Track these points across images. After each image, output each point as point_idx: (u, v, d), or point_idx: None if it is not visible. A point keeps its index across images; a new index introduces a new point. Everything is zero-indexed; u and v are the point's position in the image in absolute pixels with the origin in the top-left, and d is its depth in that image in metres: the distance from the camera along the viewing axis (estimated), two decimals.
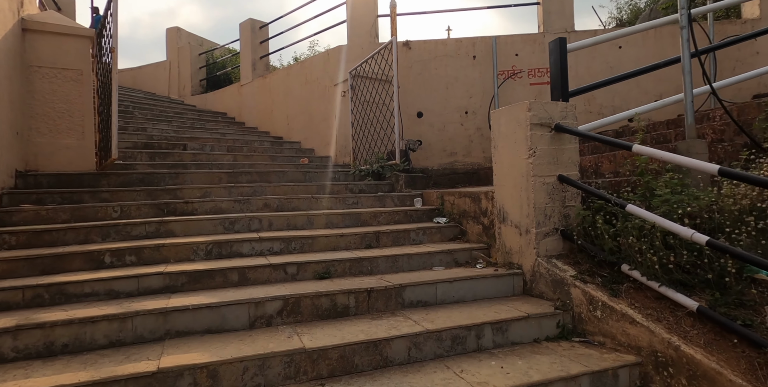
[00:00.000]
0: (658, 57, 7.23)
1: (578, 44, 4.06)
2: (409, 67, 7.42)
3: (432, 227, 4.14)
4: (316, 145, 8.01)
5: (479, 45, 7.39)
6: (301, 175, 5.73)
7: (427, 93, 7.41)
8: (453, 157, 7.41)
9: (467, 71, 7.39)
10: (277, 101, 8.88)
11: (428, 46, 7.43)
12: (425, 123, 7.41)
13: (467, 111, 7.39)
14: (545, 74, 7.32)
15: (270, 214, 4.13)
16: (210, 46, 12.35)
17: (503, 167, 3.52)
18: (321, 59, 7.89)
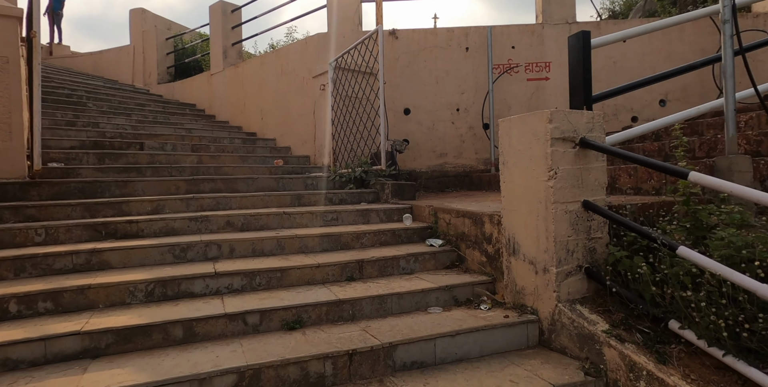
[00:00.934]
0: (664, 52, 6.68)
1: (604, 39, 3.44)
2: (396, 58, 6.72)
3: (425, 253, 3.51)
4: (292, 143, 7.29)
5: (473, 36, 6.73)
6: (273, 182, 5.02)
7: (415, 87, 6.74)
8: (443, 158, 6.78)
9: (459, 64, 6.73)
10: (251, 93, 8.09)
11: (417, 36, 6.73)
12: (413, 120, 6.75)
13: (459, 108, 6.75)
14: (544, 69, 6.71)
15: (232, 237, 3.44)
16: (179, 30, 11.39)
17: (515, 189, 2.89)
18: (298, 48, 7.12)
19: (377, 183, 5.13)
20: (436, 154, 6.77)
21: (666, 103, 6.71)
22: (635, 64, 6.68)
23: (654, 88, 6.68)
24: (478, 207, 3.68)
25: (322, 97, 6.60)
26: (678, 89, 6.68)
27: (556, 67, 6.70)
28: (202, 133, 7.22)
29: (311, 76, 6.85)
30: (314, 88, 6.78)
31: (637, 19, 6.67)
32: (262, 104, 7.86)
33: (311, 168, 6.33)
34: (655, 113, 6.70)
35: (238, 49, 8.84)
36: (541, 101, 6.72)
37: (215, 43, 8.76)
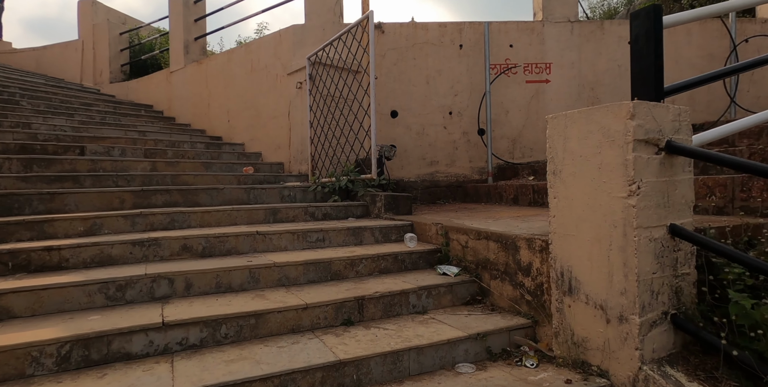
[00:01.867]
0: (671, 57, 6.23)
1: (677, 17, 2.77)
2: (382, 55, 6.01)
3: (440, 285, 2.75)
4: (264, 148, 6.44)
5: (467, 32, 6.10)
6: (243, 194, 4.18)
7: (403, 88, 6.04)
8: (434, 166, 6.09)
9: (452, 63, 6.09)
10: (216, 93, 7.20)
11: (405, 30, 6.05)
12: (400, 124, 6.04)
13: (452, 111, 6.09)
14: (544, 71, 6.14)
15: (190, 268, 2.60)
16: (135, 24, 10.36)
17: (573, 207, 2.19)
18: (271, 42, 6.31)
19: (366, 194, 4.37)
20: (427, 161, 6.08)
21: None
22: None
23: None
24: (502, 227, 2.97)
25: (299, 96, 5.81)
26: (685, 96, 6.23)
27: (557, 68, 6.15)
28: (159, 137, 6.29)
29: (286, 72, 6.05)
30: (289, 86, 5.98)
31: None
32: (228, 105, 6.98)
33: (286, 176, 5.51)
34: None
35: (202, 44, 7.94)
36: (541, 106, 6.14)
37: (175, 37, 7.83)
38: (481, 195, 5.57)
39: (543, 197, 4.44)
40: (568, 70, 6.15)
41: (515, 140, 6.13)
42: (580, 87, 6.17)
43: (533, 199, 4.58)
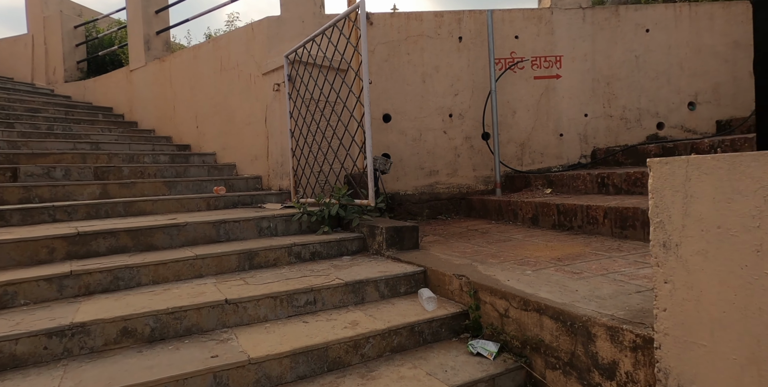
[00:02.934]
0: (692, 45, 5.57)
1: None
2: (371, 50, 5.23)
3: (479, 381, 2.04)
4: (238, 159, 5.64)
5: (467, 22, 5.34)
6: (211, 230, 3.41)
7: (396, 88, 5.28)
8: (433, 177, 5.37)
9: (451, 58, 5.34)
10: (182, 94, 6.34)
11: (397, 21, 5.27)
12: (394, 130, 5.29)
13: (452, 113, 5.36)
14: (553, 65, 5.43)
15: (126, 378, 1.85)
16: (93, 16, 9.33)
17: (704, 304, 1.46)
18: (243, 36, 5.47)
19: (363, 224, 3.63)
20: (425, 171, 5.35)
21: (696, 106, 5.62)
22: (660, 59, 5.54)
23: (682, 88, 5.56)
24: (552, 287, 2.27)
25: (277, 99, 5.01)
26: (709, 89, 5.61)
27: (568, 62, 5.44)
28: (114, 149, 5.44)
29: (261, 72, 5.23)
30: (265, 88, 5.17)
31: (661, 4, 5.53)
32: (197, 109, 6.14)
33: (265, 195, 4.74)
34: (684, 118, 5.60)
35: (165, 38, 7.02)
36: (552, 105, 5.44)
37: (134, 31, 6.90)
38: (490, 211, 4.88)
39: (571, 220, 3.77)
40: (581, 63, 5.45)
41: (523, 144, 5.44)
42: (595, 82, 5.48)
43: (558, 221, 3.90)
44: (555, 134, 5.46)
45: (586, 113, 5.48)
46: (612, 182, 4.19)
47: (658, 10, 5.51)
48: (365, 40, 3.48)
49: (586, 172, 4.46)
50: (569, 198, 4.20)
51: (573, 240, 3.43)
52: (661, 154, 4.67)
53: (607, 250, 2.99)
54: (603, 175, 4.28)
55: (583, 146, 5.50)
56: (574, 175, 4.59)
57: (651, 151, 4.77)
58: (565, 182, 4.69)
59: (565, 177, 4.69)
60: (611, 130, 5.52)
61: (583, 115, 5.48)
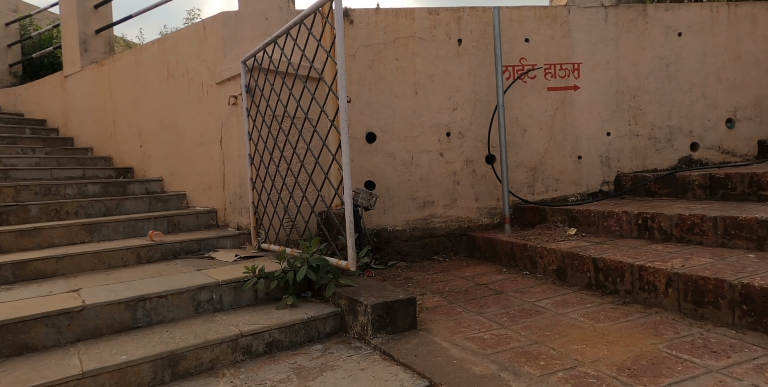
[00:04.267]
0: (731, 52, 4.72)
1: None
2: (352, 54, 4.26)
3: None
4: (189, 187, 4.61)
5: (468, 21, 4.41)
6: (123, 313, 2.38)
7: (382, 100, 4.32)
8: (428, 208, 4.42)
9: (449, 65, 4.40)
10: (124, 106, 5.27)
11: (383, 20, 4.31)
12: (380, 152, 4.33)
13: (450, 132, 4.42)
14: (570, 74, 4.53)
15: None
16: (31, 11, 8.14)
17: None
18: (193, 37, 4.45)
19: (341, 295, 2.65)
20: (418, 202, 4.40)
21: (735, 124, 4.78)
22: (695, 67, 4.69)
23: (719, 102, 4.72)
24: None
25: (234, 115, 4.01)
26: (750, 104, 4.78)
27: (588, 70, 4.55)
28: (29, 177, 4.35)
29: (215, 81, 4.22)
30: (220, 100, 4.17)
31: (696, 4, 4.69)
32: (140, 124, 5.08)
33: (217, 239, 3.73)
34: (721, 138, 4.76)
35: (107, 38, 5.93)
36: (568, 122, 4.55)
37: (68, 29, 5.80)
38: (499, 254, 3.95)
39: (616, 282, 2.84)
40: (603, 72, 4.57)
41: (535, 169, 4.53)
42: (619, 95, 4.60)
43: (596, 280, 2.98)
44: (572, 156, 4.56)
45: (609, 132, 4.60)
46: (659, 226, 3.29)
47: (692, 11, 4.66)
48: (342, 43, 2.50)
49: (622, 211, 3.56)
50: (605, 246, 3.29)
51: (628, 318, 2.51)
52: (708, 186, 3.80)
53: (690, 349, 2.07)
54: (646, 216, 3.38)
55: (605, 171, 4.62)
56: (604, 212, 3.69)
57: (695, 181, 3.90)
58: (592, 220, 3.79)
59: (593, 214, 3.78)
60: (638, 152, 4.65)
61: (605, 134, 4.60)
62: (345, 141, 2.55)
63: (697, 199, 3.89)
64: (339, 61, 2.54)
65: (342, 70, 2.54)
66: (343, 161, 2.57)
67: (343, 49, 2.52)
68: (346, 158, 2.57)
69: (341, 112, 2.54)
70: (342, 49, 2.52)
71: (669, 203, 3.84)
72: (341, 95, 2.54)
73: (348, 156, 2.56)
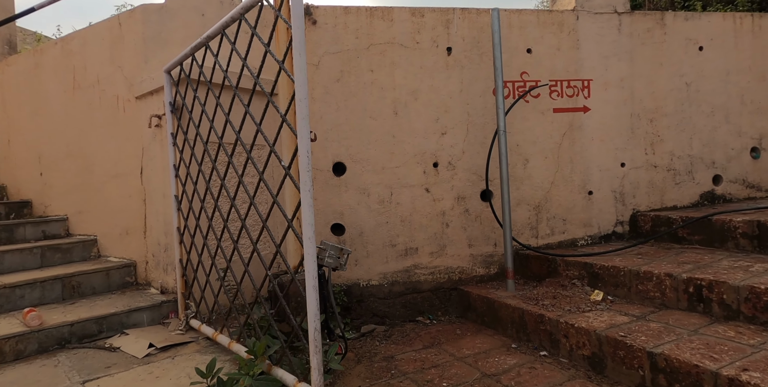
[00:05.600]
0: (756, 70, 4.09)
1: None
2: (315, 64, 3.34)
3: None
4: (102, 230, 3.54)
5: (459, 26, 3.59)
6: None
7: (353, 121, 3.42)
8: (410, 257, 3.53)
9: (437, 79, 3.55)
10: (19, 122, 4.13)
11: (354, 21, 3.42)
12: (351, 187, 3.42)
13: (438, 162, 3.56)
14: (579, 92, 3.77)
15: None
16: None
17: None
18: (105, 36, 3.41)
19: None
20: (398, 250, 3.50)
21: (760, 153, 4.16)
22: (717, 88, 4.04)
23: (743, 128, 4.07)
24: None
25: (158, 141, 3.01)
26: None
27: (599, 89, 3.81)
28: None
29: (134, 94, 3.21)
30: (141, 119, 3.17)
31: (718, 13, 4.05)
32: (40, 146, 3.96)
33: (129, 313, 2.71)
34: (746, 169, 4.11)
35: (6, 35, 4.75)
36: (577, 150, 3.78)
37: None
38: (504, 321, 3.09)
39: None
40: (616, 91, 3.84)
41: (539, 207, 3.73)
42: (634, 118, 3.88)
43: (652, 383, 2.16)
44: (582, 192, 3.79)
45: (623, 162, 3.87)
46: (719, 298, 2.52)
47: (714, 22, 4.01)
48: (302, 48, 1.59)
49: (664, 273, 2.78)
50: (652, 325, 2.49)
51: None
52: (757, 236, 3.09)
53: None
54: (700, 284, 2.60)
55: (619, 209, 3.87)
56: (638, 272, 2.90)
57: (737, 228, 3.19)
58: (621, 281, 2.99)
59: (622, 273, 2.99)
60: (655, 186, 3.94)
61: (620, 165, 3.86)
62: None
63: (742, 250, 3.18)
64: (298, 76, 1.62)
65: (302, 92, 1.61)
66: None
67: (304, 59, 1.60)
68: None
69: (301, 152, 1.62)
70: (302, 59, 1.60)
71: (708, 256, 3.11)
72: (301, 129, 1.62)
73: (311, 210, 1.64)
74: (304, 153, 1.59)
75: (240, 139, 2.09)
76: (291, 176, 1.73)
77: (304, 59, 1.58)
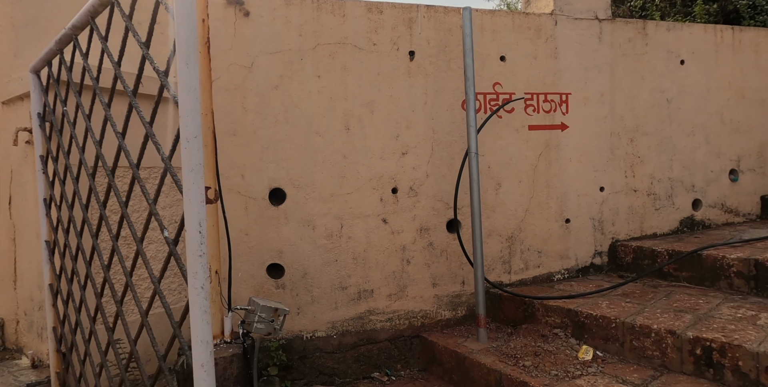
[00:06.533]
0: (735, 87, 3.80)
1: None
2: (247, 66, 2.68)
3: None
4: None
5: (424, 27, 3.03)
6: None
7: (295, 138, 2.78)
8: (364, 301, 2.94)
9: (397, 88, 2.97)
10: None
11: (298, 15, 2.78)
12: (292, 218, 2.78)
13: (397, 187, 2.99)
14: (557, 107, 3.32)
15: None
16: None
17: None
18: None
19: None
20: (350, 293, 2.90)
21: (738, 176, 3.88)
22: (698, 105, 3.72)
23: (723, 149, 3.79)
24: None
25: (29, 162, 2.26)
26: (754, 152, 3.91)
27: (578, 103, 3.38)
28: None
29: (0, 99, 2.42)
30: (7, 131, 2.39)
31: (700, 25, 3.73)
32: None
33: None
34: (725, 193, 3.83)
35: None
36: (553, 173, 3.33)
37: None
38: (477, 383, 2.57)
39: None
40: (596, 106, 3.43)
41: (512, 239, 3.24)
42: (614, 137, 3.48)
43: None
44: (558, 220, 3.35)
45: (603, 186, 3.46)
46: (733, 365, 2.10)
47: (695, 34, 3.68)
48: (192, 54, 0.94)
49: (665, 330, 2.34)
50: None
51: None
52: (754, 277, 2.74)
53: None
54: (710, 347, 2.18)
55: (598, 238, 3.47)
56: (633, 326, 2.46)
57: (731, 267, 2.84)
58: (612, 334, 2.55)
59: (614, 325, 2.54)
60: (635, 213, 3.56)
61: (599, 189, 3.46)
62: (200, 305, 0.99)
63: (737, 292, 2.83)
64: (185, 98, 0.98)
65: (193, 125, 0.98)
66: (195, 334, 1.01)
67: (196, 72, 0.97)
68: (202, 327, 1.01)
69: (190, 225, 0.99)
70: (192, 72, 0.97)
71: (702, 299, 2.73)
72: (192, 187, 0.98)
73: (206, 320, 1.01)
74: (195, 226, 0.97)
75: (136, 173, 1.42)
76: (177, 257, 1.09)
77: (195, 72, 0.95)
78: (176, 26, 0.97)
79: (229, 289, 2.19)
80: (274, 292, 2.77)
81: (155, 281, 1.17)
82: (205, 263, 1.01)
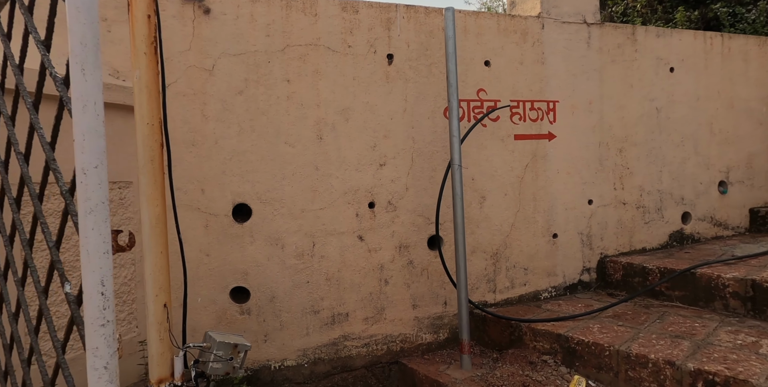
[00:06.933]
0: (725, 96, 3.67)
1: None
2: (207, 69, 2.42)
3: None
4: None
5: (404, 28, 2.81)
6: None
7: (263, 149, 2.53)
8: (338, 326, 2.70)
9: (374, 94, 2.74)
10: None
11: (265, 13, 2.53)
12: (259, 236, 2.53)
13: (374, 201, 2.76)
14: (544, 116, 3.14)
15: None
16: None
17: None
18: None
19: None
20: (322, 318, 2.66)
21: (728, 188, 3.77)
22: (688, 115, 3.59)
23: (712, 160, 3.66)
24: None
25: None
26: (743, 163, 3.80)
27: (566, 112, 3.20)
28: None
29: None
30: None
31: (689, 31, 3.60)
32: None
33: None
34: (714, 205, 3.71)
35: None
36: (540, 185, 3.14)
37: None
38: None
39: None
40: (584, 115, 3.26)
41: (497, 255, 3.04)
42: (603, 148, 3.32)
43: None
44: (546, 235, 3.17)
45: (591, 199, 3.29)
46: None
47: (685, 40, 3.55)
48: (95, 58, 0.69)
49: (663, 360, 2.16)
50: None
51: None
52: (751, 298, 2.60)
53: None
54: (710, 378, 2.00)
55: (586, 253, 3.29)
56: (628, 354, 2.28)
57: (726, 287, 2.69)
58: (605, 363, 2.36)
59: (607, 353, 2.35)
60: (624, 226, 3.40)
61: (587, 202, 3.28)
62: None
63: (733, 313, 2.67)
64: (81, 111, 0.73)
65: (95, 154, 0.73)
66: None
67: (100, 78, 0.72)
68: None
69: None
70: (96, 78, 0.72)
71: (698, 322, 2.57)
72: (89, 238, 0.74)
73: None
74: (95, 286, 0.72)
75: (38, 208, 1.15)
76: (81, 321, 0.84)
77: (96, 81, 0.71)
78: (69, 21, 0.72)
79: (184, 320, 1.93)
80: (239, 319, 2.51)
81: (58, 349, 0.92)
82: (111, 334, 0.76)
